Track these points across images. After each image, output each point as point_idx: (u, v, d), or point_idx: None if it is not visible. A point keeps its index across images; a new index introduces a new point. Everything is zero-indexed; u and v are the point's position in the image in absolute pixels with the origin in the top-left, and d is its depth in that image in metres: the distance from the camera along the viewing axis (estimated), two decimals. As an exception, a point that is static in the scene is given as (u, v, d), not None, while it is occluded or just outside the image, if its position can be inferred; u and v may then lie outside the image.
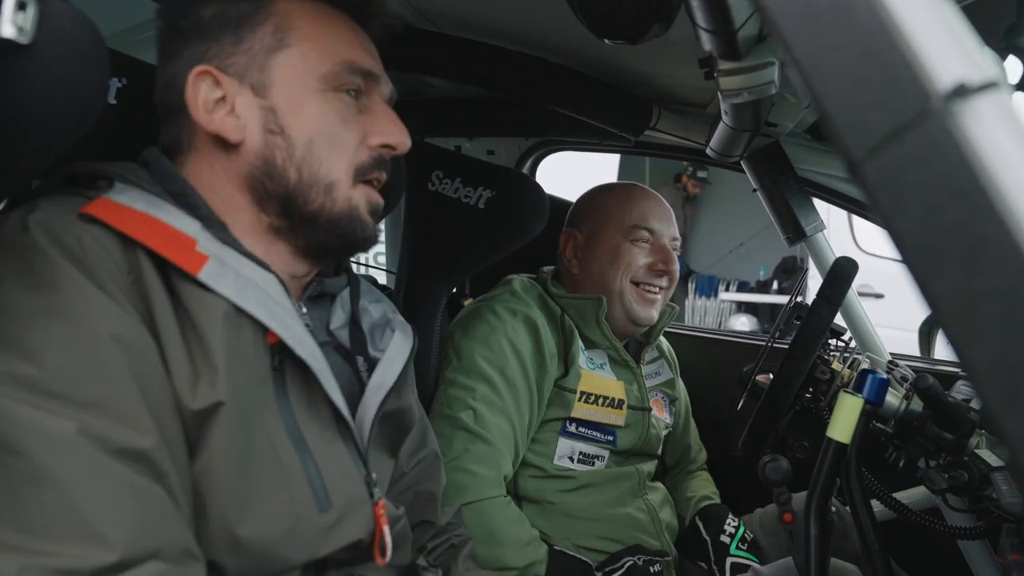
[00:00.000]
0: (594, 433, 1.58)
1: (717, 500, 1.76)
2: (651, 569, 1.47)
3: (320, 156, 0.88)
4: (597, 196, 1.75)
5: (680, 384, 1.91)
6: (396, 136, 0.93)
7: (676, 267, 1.67)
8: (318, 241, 0.92)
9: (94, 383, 0.66)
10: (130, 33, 1.68)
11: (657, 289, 1.66)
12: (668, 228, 1.68)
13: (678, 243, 1.72)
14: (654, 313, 1.68)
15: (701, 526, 1.61)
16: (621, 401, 1.60)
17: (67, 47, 0.62)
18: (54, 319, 0.66)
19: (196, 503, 0.73)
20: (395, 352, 1.00)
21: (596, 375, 1.60)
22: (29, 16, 0.56)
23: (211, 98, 0.86)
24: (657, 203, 1.70)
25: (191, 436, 0.73)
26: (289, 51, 0.87)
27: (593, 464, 1.58)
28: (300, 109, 0.87)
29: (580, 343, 1.60)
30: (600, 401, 1.57)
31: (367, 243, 0.94)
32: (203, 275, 0.76)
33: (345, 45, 0.91)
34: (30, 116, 0.63)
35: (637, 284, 1.65)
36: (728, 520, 1.60)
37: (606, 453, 1.59)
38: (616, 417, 1.59)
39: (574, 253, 1.72)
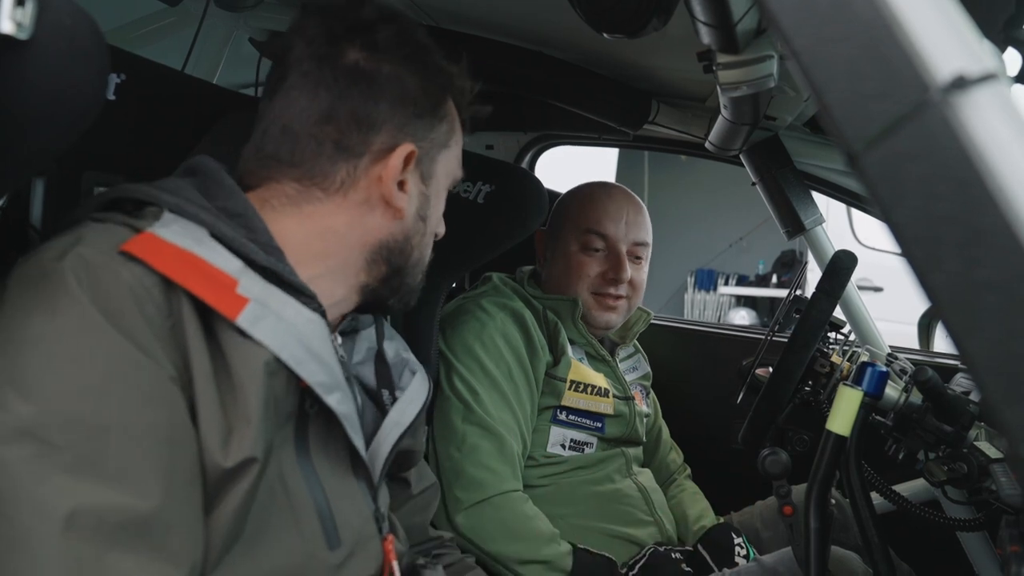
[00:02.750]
0: (584, 420, 1.59)
1: (712, 516, 1.73)
2: (672, 555, 1.48)
3: (430, 244, 1.01)
4: (564, 197, 1.76)
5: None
6: (443, 228, 1.05)
7: (627, 275, 1.65)
8: (386, 302, 0.99)
9: (91, 435, 0.61)
10: (129, 28, 1.68)
11: (614, 296, 1.66)
12: (628, 232, 1.66)
13: (645, 248, 1.70)
14: (613, 318, 1.68)
15: (708, 556, 1.55)
16: (607, 390, 1.62)
17: (67, 43, 0.62)
18: (61, 359, 0.62)
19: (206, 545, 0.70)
20: (414, 393, 1.01)
21: (582, 366, 1.62)
22: (28, 12, 0.56)
23: (398, 169, 0.90)
24: (619, 206, 1.67)
25: (213, 492, 0.69)
26: (449, 152, 0.99)
27: (583, 451, 1.59)
28: (438, 203, 0.99)
29: (565, 335, 1.61)
30: (589, 390, 1.59)
31: (411, 308, 1.04)
32: (241, 320, 0.72)
33: (461, 153, 1.03)
34: (29, 113, 0.62)
35: (595, 294, 1.65)
36: (736, 549, 1.55)
37: (595, 440, 1.60)
38: (605, 405, 1.60)
39: (543, 253, 1.74)
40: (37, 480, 0.58)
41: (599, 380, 1.62)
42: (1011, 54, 1.01)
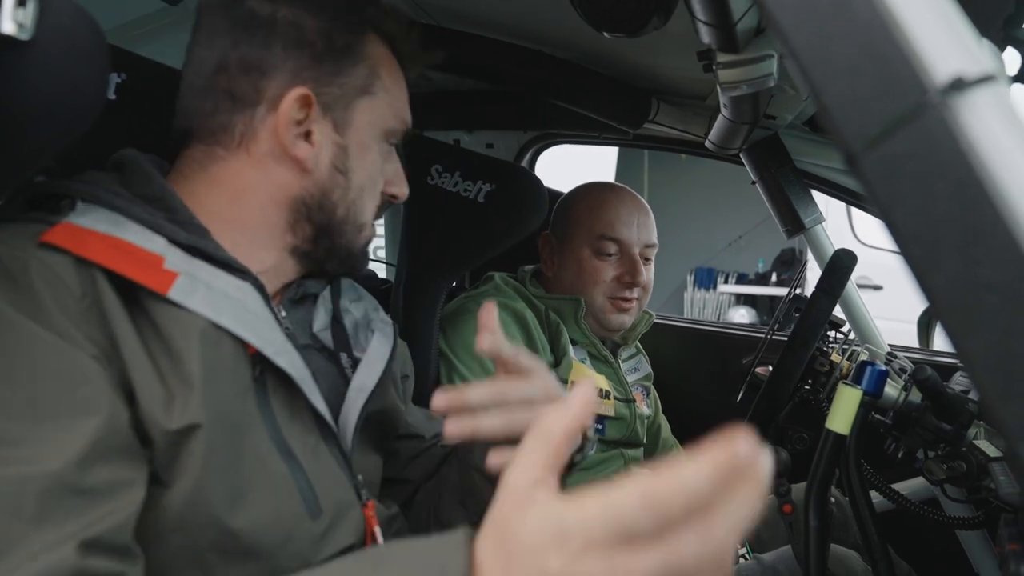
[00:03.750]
0: None
1: None
2: None
3: (364, 200, 0.94)
4: (571, 200, 1.75)
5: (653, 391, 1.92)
6: (403, 189, 1.01)
7: (644, 278, 1.66)
8: (329, 269, 0.96)
9: (4, 413, 0.62)
10: (129, 27, 1.68)
11: (629, 299, 1.66)
12: (641, 235, 1.67)
13: (653, 250, 1.71)
14: (627, 319, 1.69)
15: None
16: (608, 392, 1.62)
17: (67, 43, 0.62)
18: None
19: (183, 524, 0.71)
20: (375, 355, 0.98)
21: (584, 367, 1.62)
22: (29, 12, 0.56)
23: (294, 118, 0.86)
24: (629, 209, 1.68)
25: (167, 459, 0.71)
26: (372, 99, 0.91)
27: None
28: (364, 155, 0.92)
29: (567, 336, 1.61)
30: None
31: (360, 275, 1.02)
32: (173, 293, 0.74)
33: (404, 103, 0.97)
34: (30, 113, 0.63)
35: (610, 298, 1.65)
36: (739, 560, 1.55)
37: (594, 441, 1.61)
38: (606, 407, 1.60)
39: (549, 256, 1.73)
40: None
41: (600, 381, 1.62)
42: (1011, 53, 1.01)
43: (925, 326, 1.96)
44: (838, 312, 1.47)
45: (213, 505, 0.72)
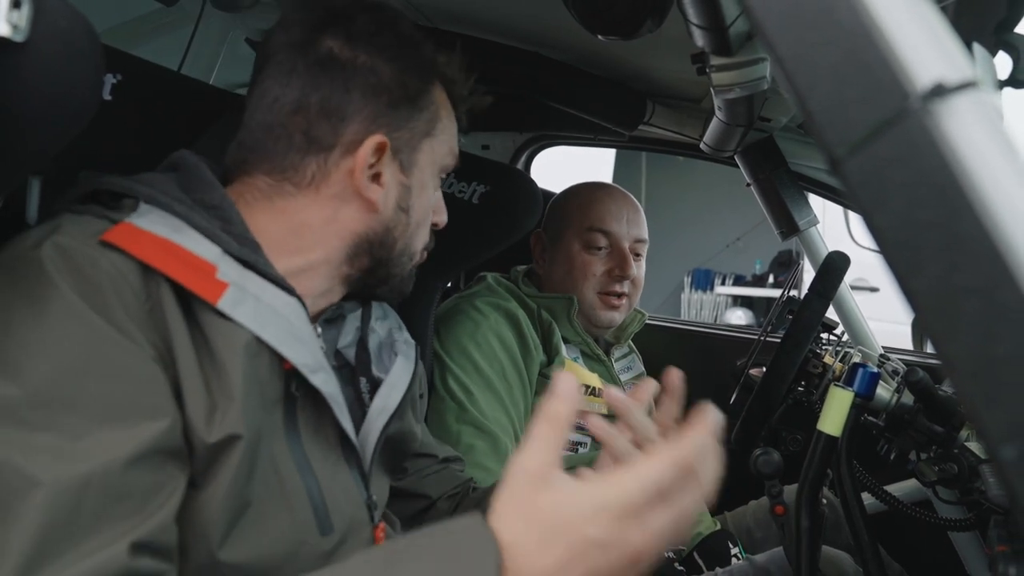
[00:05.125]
0: (577, 420, 1.58)
1: (708, 522, 1.72)
2: (665, 554, 1.48)
3: (420, 233, 0.98)
4: (562, 198, 1.76)
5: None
6: (444, 216, 1.04)
7: (634, 272, 1.67)
8: (374, 292, 0.99)
9: (73, 408, 0.63)
10: (125, 28, 1.68)
11: (619, 295, 1.67)
12: (630, 229, 1.68)
13: (644, 246, 1.72)
14: (616, 316, 1.69)
15: (703, 565, 1.56)
16: (601, 390, 1.62)
17: (62, 45, 0.63)
18: (42, 343, 0.64)
19: (184, 530, 0.70)
20: (397, 377, 0.99)
21: (577, 365, 1.62)
22: (24, 14, 0.57)
23: (368, 162, 0.88)
24: (619, 204, 1.69)
25: (201, 468, 0.71)
26: (434, 140, 0.95)
27: (576, 451, 1.60)
28: (423, 193, 0.96)
29: (559, 335, 1.61)
30: (583, 390, 1.59)
31: (405, 297, 1.03)
32: (222, 304, 0.74)
33: (455, 139, 1.01)
34: (26, 114, 0.63)
35: (600, 293, 1.66)
36: (732, 560, 1.55)
37: (588, 440, 1.61)
38: (599, 405, 1.60)
39: (541, 254, 1.74)
40: (22, 455, 0.60)
41: (593, 380, 1.62)
42: (1002, 58, 1.02)
43: (919, 328, 1.97)
44: (831, 314, 1.48)
45: (219, 514, 0.72)
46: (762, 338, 1.51)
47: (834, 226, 4.96)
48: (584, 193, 1.72)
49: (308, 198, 0.88)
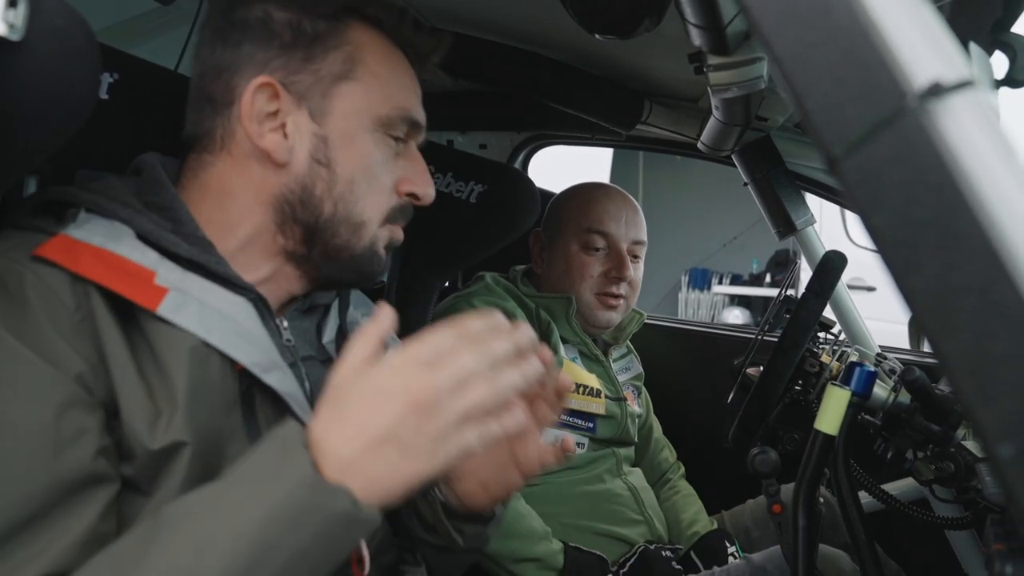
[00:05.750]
0: (576, 420, 1.59)
1: (705, 521, 1.73)
2: (663, 553, 1.48)
3: (357, 195, 0.87)
4: (562, 198, 1.77)
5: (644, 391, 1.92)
6: (425, 187, 0.94)
7: (631, 273, 1.67)
8: (331, 274, 0.91)
9: None
10: (122, 27, 1.67)
11: (616, 296, 1.67)
12: (628, 231, 1.68)
13: (642, 248, 1.72)
14: (614, 316, 1.70)
15: (701, 564, 1.55)
16: (599, 391, 1.62)
17: (59, 44, 0.63)
18: None
19: None
20: None
21: (575, 366, 1.63)
22: (20, 13, 0.57)
23: (264, 110, 0.83)
24: (618, 206, 1.70)
25: (147, 476, 0.71)
26: (354, 84, 0.86)
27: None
28: (350, 144, 0.86)
29: (557, 335, 1.62)
30: (581, 390, 1.59)
31: (377, 277, 0.95)
32: (162, 310, 0.73)
33: (404, 90, 0.92)
34: (23, 113, 0.63)
35: (598, 293, 1.66)
36: (729, 559, 1.54)
37: (586, 440, 1.61)
38: (597, 406, 1.61)
39: (539, 253, 1.74)
40: None
41: (591, 380, 1.63)
42: (998, 57, 1.02)
43: (916, 327, 1.97)
44: (828, 313, 1.48)
45: None
46: (759, 337, 1.51)
47: (831, 225, 4.96)
48: (583, 194, 1.72)
49: (223, 163, 0.86)
